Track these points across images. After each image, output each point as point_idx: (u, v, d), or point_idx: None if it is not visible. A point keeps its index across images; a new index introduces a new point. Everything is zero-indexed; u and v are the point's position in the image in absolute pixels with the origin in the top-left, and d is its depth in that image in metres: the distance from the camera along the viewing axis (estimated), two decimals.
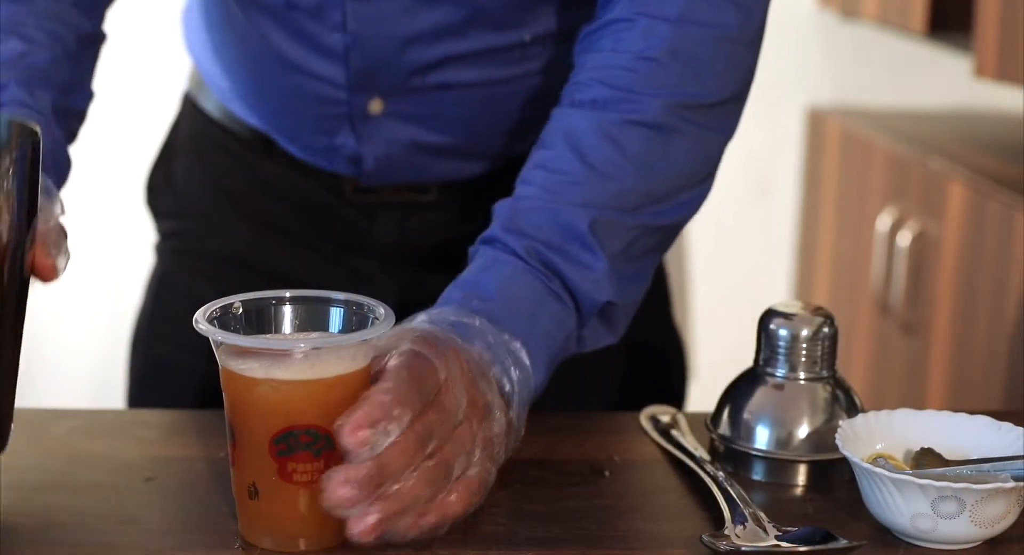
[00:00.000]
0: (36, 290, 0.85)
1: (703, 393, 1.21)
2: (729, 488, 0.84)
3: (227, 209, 1.16)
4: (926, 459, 0.84)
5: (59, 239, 0.81)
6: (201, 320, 0.78)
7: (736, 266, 2.79)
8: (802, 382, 0.90)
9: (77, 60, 0.98)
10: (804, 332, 0.89)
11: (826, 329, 0.90)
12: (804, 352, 0.89)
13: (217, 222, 1.16)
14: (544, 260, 0.89)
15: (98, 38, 1.02)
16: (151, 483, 0.87)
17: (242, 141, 1.14)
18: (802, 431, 0.89)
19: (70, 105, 0.97)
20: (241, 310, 0.81)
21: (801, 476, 0.89)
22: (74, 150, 0.98)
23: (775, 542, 0.78)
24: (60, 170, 0.93)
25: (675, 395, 1.22)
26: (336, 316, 0.82)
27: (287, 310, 0.82)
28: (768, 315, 0.91)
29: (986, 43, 1.99)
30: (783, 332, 0.89)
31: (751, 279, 2.81)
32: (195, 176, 1.18)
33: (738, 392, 0.91)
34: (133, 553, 0.78)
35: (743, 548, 0.78)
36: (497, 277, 0.88)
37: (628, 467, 0.91)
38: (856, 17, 2.59)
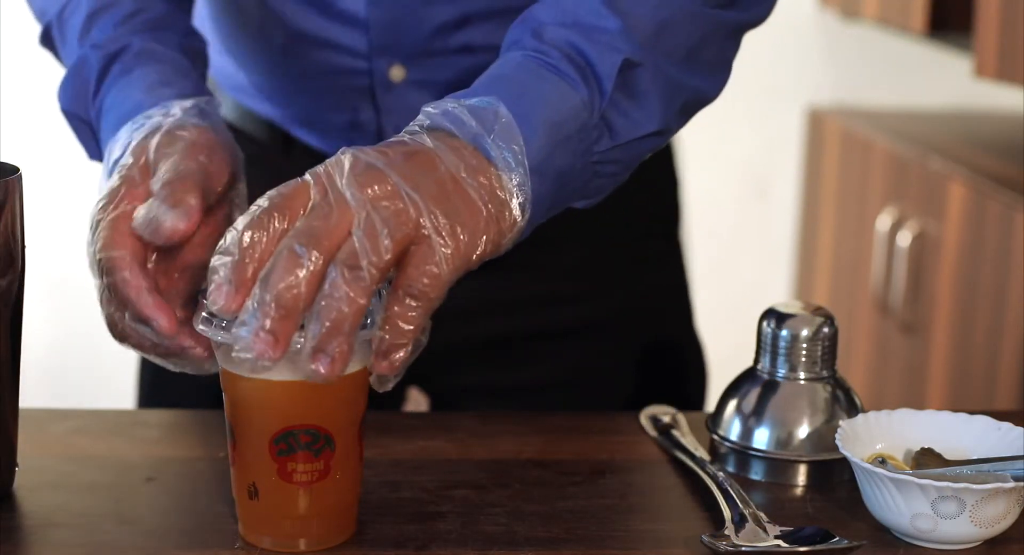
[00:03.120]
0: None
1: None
2: (729, 488, 0.84)
3: None
4: (926, 459, 0.84)
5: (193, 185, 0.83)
6: (201, 320, 0.78)
7: (736, 266, 2.79)
8: (802, 382, 0.90)
9: (187, 9, 1.02)
10: (804, 332, 0.89)
11: (826, 329, 0.90)
12: (804, 352, 0.89)
13: None
14: (546, 39, 0.83)
15: None
16: (151, 483, 0.87)
17: (259, 142, 1.13)
18: (802, 431, 0.89)
19: (196, 46, 0.98)
20: None
21: (801, 476, 0.89)
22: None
23: (775, 542, 0.78)
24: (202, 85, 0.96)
25: (694, 402, 1.21)
26: None
27: None
28: (768, 315, 0.91)
29: (986, 43, 1.99)
30: (783, 332, 0.89)
31: (751, 279, 2.81)
32: None
33: (738, 392, 0.91)
34: (133, 553, 0.78)
35: (743, 548, 0.78)
36: (485, 75, 0.83)
37: (628, 467, 0.91)
38: (856, 17, 2.59)
